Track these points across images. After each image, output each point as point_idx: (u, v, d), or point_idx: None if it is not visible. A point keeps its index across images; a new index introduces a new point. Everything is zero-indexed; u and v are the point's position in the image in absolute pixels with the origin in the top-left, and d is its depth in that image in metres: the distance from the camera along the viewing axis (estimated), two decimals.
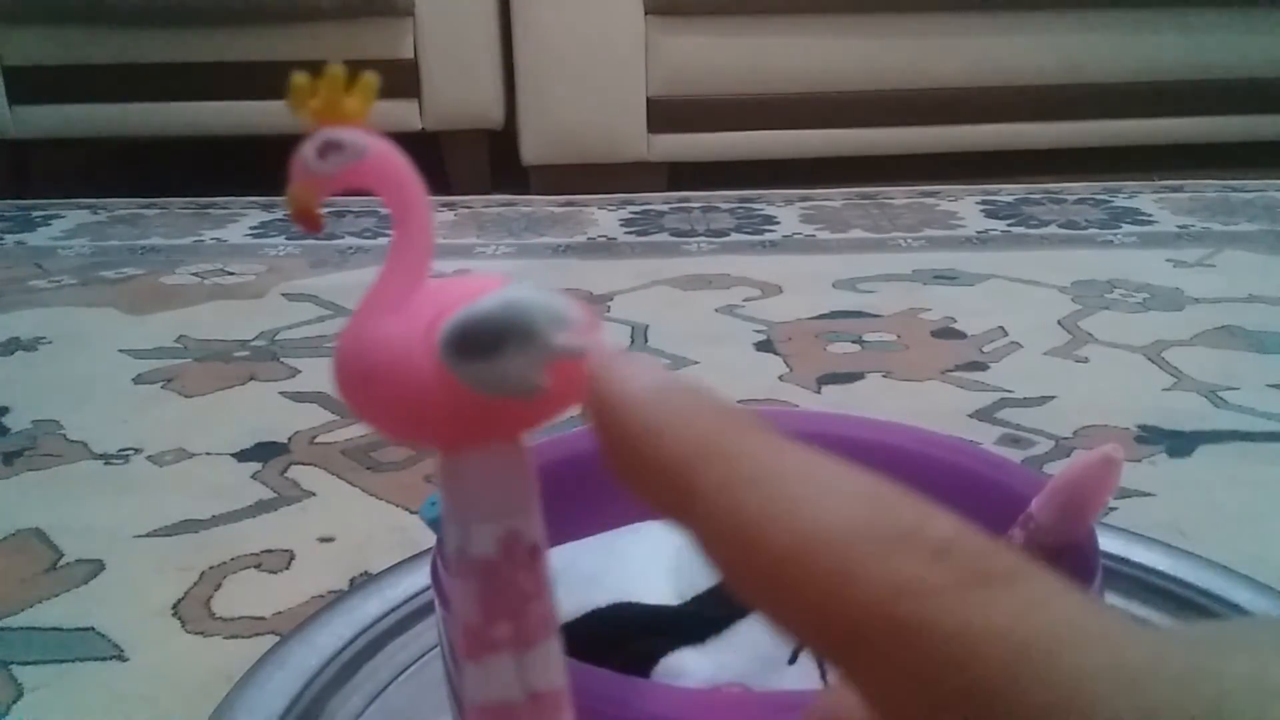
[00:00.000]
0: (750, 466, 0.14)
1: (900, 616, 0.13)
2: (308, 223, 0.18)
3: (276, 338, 1.04)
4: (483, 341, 0.17)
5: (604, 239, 1.42)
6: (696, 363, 0.96)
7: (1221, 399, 0.85)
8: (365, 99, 0.18)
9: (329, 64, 0.18)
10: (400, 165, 0.18)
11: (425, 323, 0.17)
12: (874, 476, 0.14)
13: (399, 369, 0.17)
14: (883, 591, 0.13)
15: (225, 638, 0.57)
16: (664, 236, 1.42)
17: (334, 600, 0.53)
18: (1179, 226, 1.41)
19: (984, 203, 1.56)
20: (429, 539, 0.38)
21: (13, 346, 1.03)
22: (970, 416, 0.83)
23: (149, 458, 0.79)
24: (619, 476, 0.16)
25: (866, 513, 0.14)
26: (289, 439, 0.81)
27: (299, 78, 0.18)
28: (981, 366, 0.93)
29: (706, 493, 0.14)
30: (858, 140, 1.73)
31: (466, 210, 1.59)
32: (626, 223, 1.50)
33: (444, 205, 1.62)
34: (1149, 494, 0.70)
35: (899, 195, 1.62)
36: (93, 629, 0.58)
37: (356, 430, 0.82)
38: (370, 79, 0.18)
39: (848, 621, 0.13)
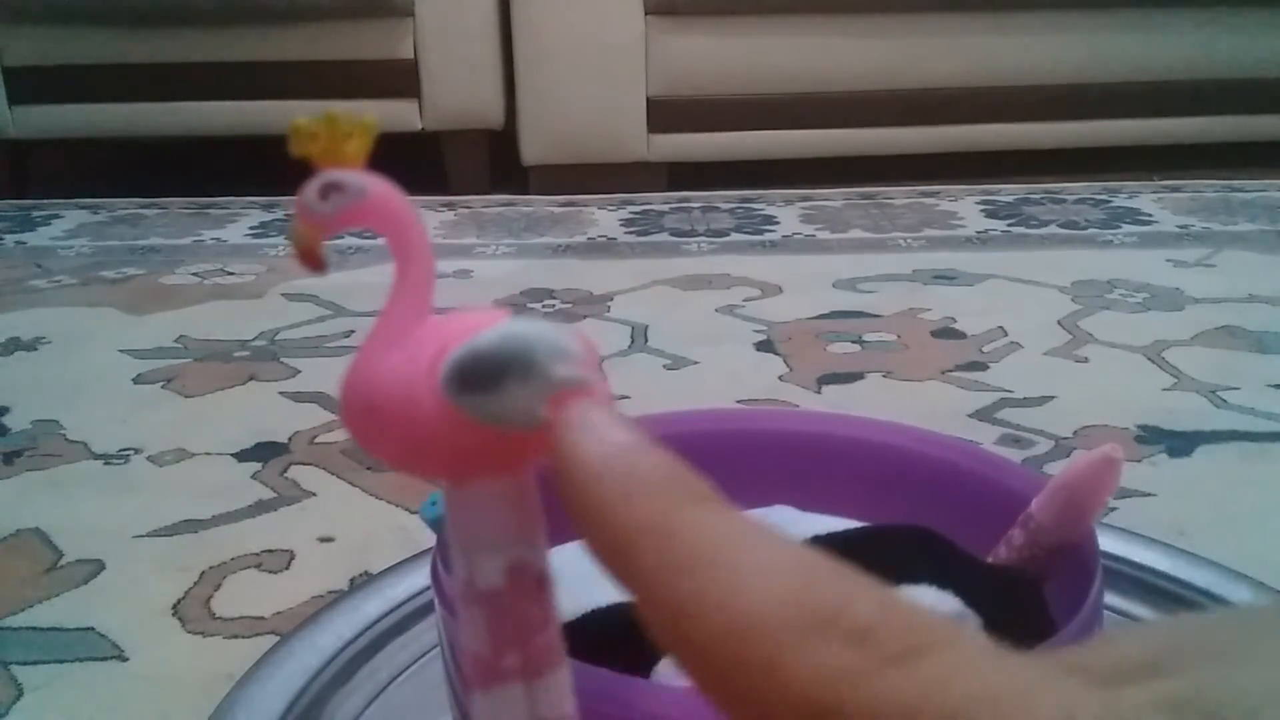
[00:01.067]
0: (684, 550, 0.15)
1: (820, 703, 0.13)
2: (311, 262, 0.19)
3: (276, 338, 1.04)
4: (485, 374, 0.17)
5: (604, 239, 1.42)
6: (696, 363, 0.96)
7: (1221, 399, 0.85)
8: (365, 141, 0.18)
9: (329, 108, 0.18)
10: (400, 205, 0.19)
11: (428, 356, 0.18)
12: (807, 552, 0.15)
13: (403, 402, 0.17)
14: (803, 680, 0.13)
15: (225, 638, 0.57)
16: (664, 236, 1.42)
17: (334, 600, 0.53)
18: (1179, 226, 1.41)
19: (984, 203, 1.56)
20: (429, 539, 0.38)
21: (13, 346, 1.03)
22: (970, 416, 0.83)
23: (149, 458, 0.79)
24: (575, 525, 0.16)
25: (792, 598, 0.14)
26: (289, 439, 0.81)
27: (300, 121, 0.18)
28: (981, 366, 0.93)
29: (643, 575, 0.15)
30: (858, 140, 1.73)
31: (466, 210, 1.59)
32: (626, 223, 1.50)
33: (444, 205, 1.62)
34: (1149, 494, 0.70)
35: (899, 195, 1.62)
36: (93, 629, 0.58)
37: None
38: (370, 121, 0.18)
39: (774, 710, 0.14)
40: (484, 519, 0.18)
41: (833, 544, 0.38)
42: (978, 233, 1.41)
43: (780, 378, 0.92)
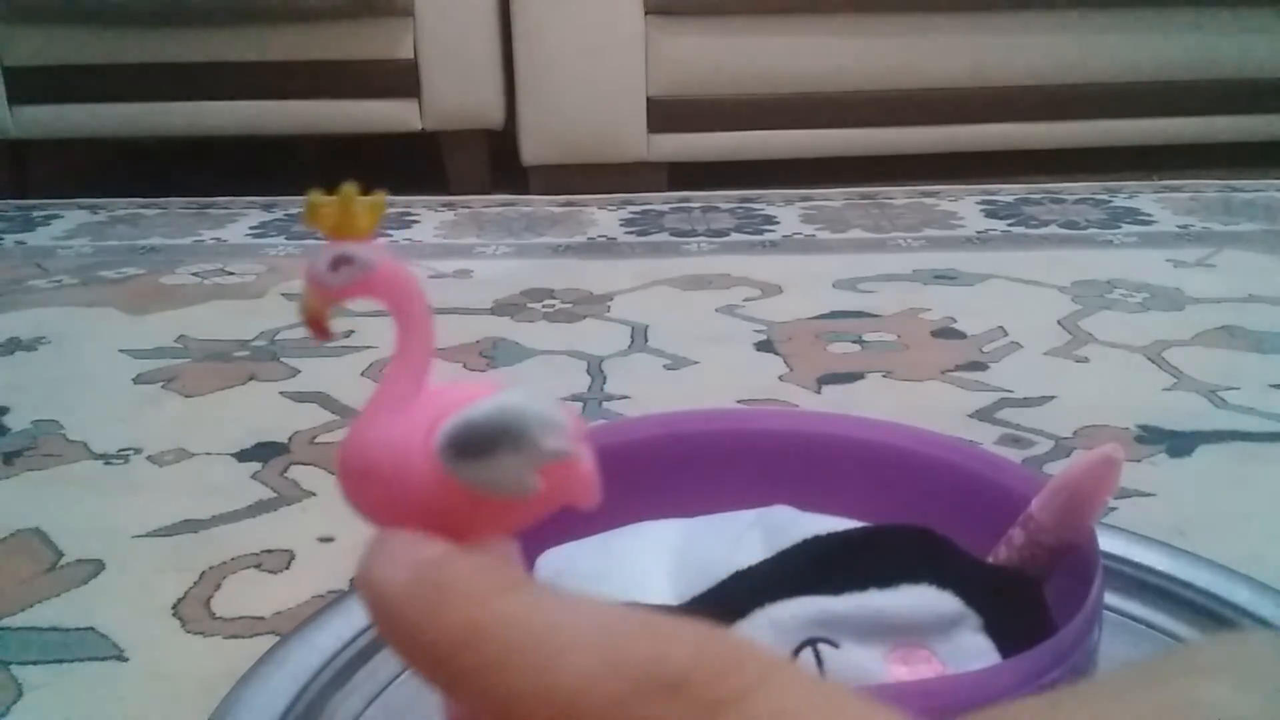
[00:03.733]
0: (496, 648, 0.15)
1: None
2: (318, 331, 0.20)
3: (276, 338, 1.04)
4: (479, 443, 0.18)
5: (604, 239, 1.42)
6: (696, 363, 0.96)
7: (1221, 399, 0.85)
8: (374, 216, 0.19)
9: (345, 184, 0.19)
10: (405, 278, 0.19)
11: (424, 424, 0.18)
12: (613, 611, 0.15)
13: (398, 467, 0.18)
14: None
15: (225, 638, 0.57)
16: (664, 236, 1.42)
17: (334, 600, 0.53)
18: (1179, 226, 1.41)
19: (984, 203, 1.56)
20: None
21: (13, 346, 1.03)
22: (970, 416, 0.83)
23: (149, 458, 0.79)
24: (397, 656, 0.17)
25: (604, 668, 0.14)
26: (289, 439, 0.81)
27: (315, 197, 0.19)
28: (981, 366, 0.93)
29: (466, 682, 0.15)
30: (858, 140, 1.73)
31: (466, 210, 1.59)
32: (626, 223, 1.50)
33: (444, 205, 1.62)
34: (1149, 494, 0.70)
35: (899, 195, 1.62)
36: (93, 629, 0.58)
37: None
38: (380, 198, 0.19)
39: None
40: None
41: (833, 544, 0.38)
42: (978, 233, 1.41)
43: (780, 378, 0.92)
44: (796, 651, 0.35)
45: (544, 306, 1.13)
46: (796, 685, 0.14)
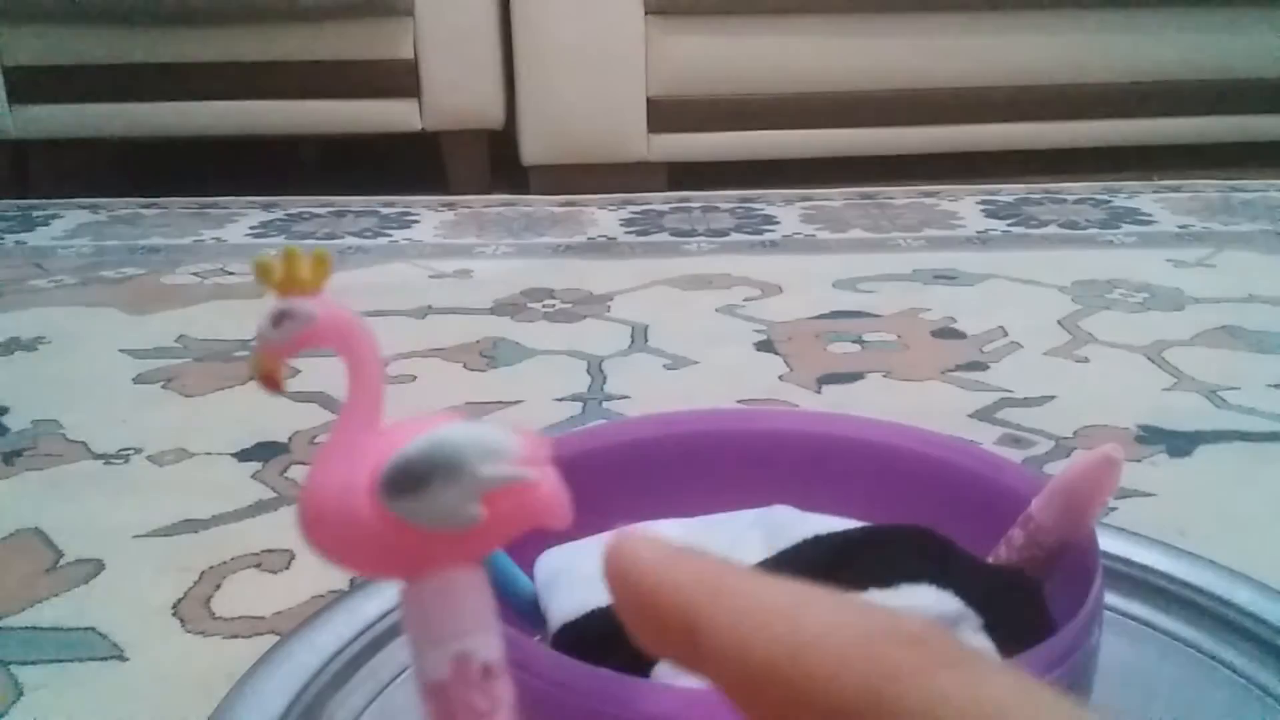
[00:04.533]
0: (746, 599, 0.17)
1: (887, 695, 0.15)
2: (269, 385, 0.21)
3: None
4: (411, 479, 0.18)
5: (604, 239, 1.42)
6: (696, 363, 0.96)
7: (1221, 399, 0.85)
8: (320, 271, 0.20)
9: (288, 245, 0.20)
10: (348, 327, 0.20)
11: (370, 466, 0.19)
12: (844, 595, 0.17)
13: (345, 510, 0.19)
14: (872, 676, 0.15)
15: (225, 638, 0.57)
16: (664, 236, 1.42)
17: (334, 600, 0.53)
18: (1179, 226, 1.41)
19: (984, 203, 1.56)
20: None
21: (13, 346, 1.04)
22: (970, 416, 0.83)
23: (149, 458, 0.79)
24: (637, 636, 0.18)
25: (851, 615, 0.16)
26: (289, 439, 0.81)
27: (262, 259, 0.20)
28: (981, 366, 0.93)
29: (712, 628, 0.16)
30: (858, 140, 1.73)
31: (466, 210, 1.59)
32: (626, 223, 1.50)
33: (444, 205, 1.62)
34: (1149, 494, 0.70)
35: (899, 195, 1.62)
36: (93, 629, 0.58)
37: None
38: (323, 254, 0.20)
39: (842, 709, 0.15)
40: (427, 614, 0.19)
41: (833, 544, 0.38)
42: (978, 233, 1.41)
43: (780, 378, 0.92)
44: None
45: (544, 306, 1.13)
46: (993, 664, 0.16)
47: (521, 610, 0.39)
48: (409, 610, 0.20)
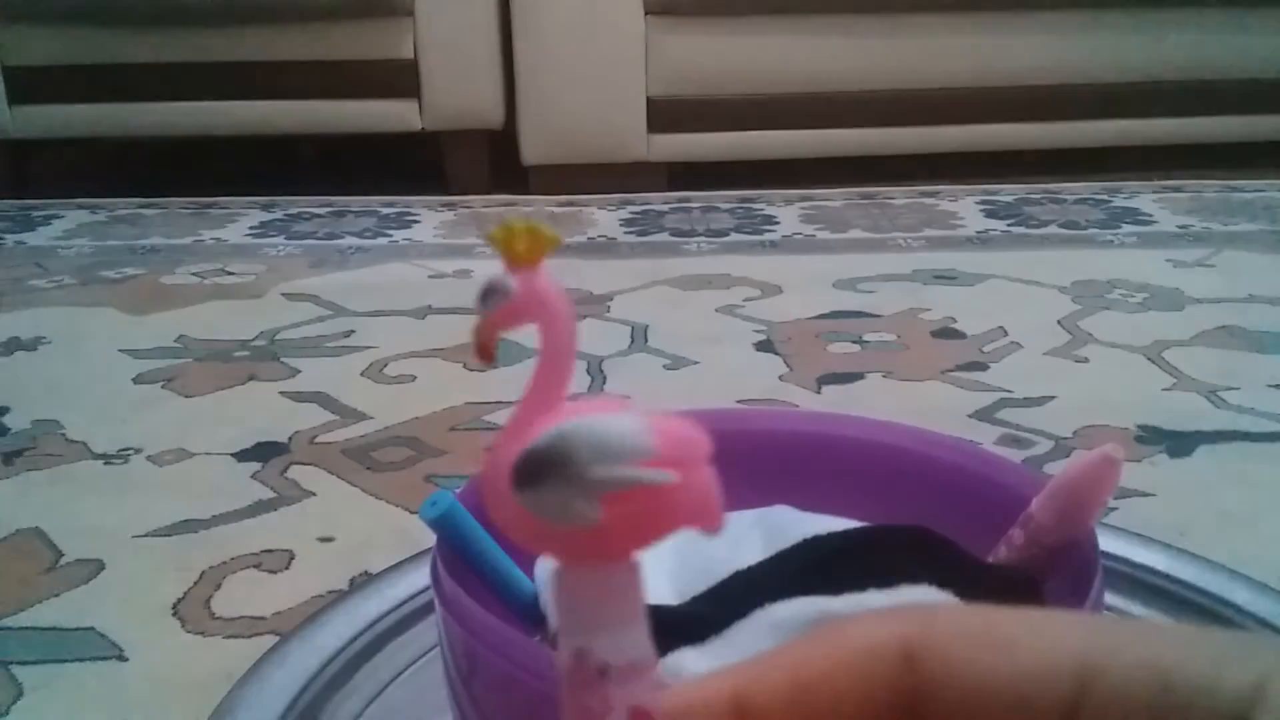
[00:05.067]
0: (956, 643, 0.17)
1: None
2: (481, 356, 0.20)
3: (276, 338, 1.04)
4: (530, 472, 0.18)
5: (604, 239, 1.42)
6: (696, 363, 0.96)
7: (1221, 399, 0.85)
8: (537, 245, 0.19)
9: (529, 219, 0.19)
10: (549, 305, 0.19)
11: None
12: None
13: (497, 491, 0.19)
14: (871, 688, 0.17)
15: (225, 638, 0.57)
16: (664, 236, 1.42)
17: (334, 600, 0.53)
18: (1179, 226, 1.41)
19: (984, 203, 1.56)
20: (429, 539, 0.38)
21: (13, 346, 1.04)
22: (970, 416, 0.83)
23: (149, 458, 0.79)
24: None
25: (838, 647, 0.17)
26: (289, 439, 0.81)
27: (497, 230, 0.19)
28: (981, 366, 0.93)
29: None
30: (858, 140, 1.73)
31: (466, 210, 1.59)
32: (626, 223, 1.50)
33: (444, 205, 1.62)
34: (1149, 494, 0.70)
35: (899, 195, 1.62)
36: (93, 629, 0.58)
37: (356, 430, 0.82)
38: (535, 226, 0.19)
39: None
40: (560, 603, 0.19)
41: (833, 544, 0.38)
42: (978, 233, 1.41)
43: (780, 378, 0.92)
44: None
45: None
46: None
47: (521, 610, 0.39)
48: (552, 595, 0.20)
